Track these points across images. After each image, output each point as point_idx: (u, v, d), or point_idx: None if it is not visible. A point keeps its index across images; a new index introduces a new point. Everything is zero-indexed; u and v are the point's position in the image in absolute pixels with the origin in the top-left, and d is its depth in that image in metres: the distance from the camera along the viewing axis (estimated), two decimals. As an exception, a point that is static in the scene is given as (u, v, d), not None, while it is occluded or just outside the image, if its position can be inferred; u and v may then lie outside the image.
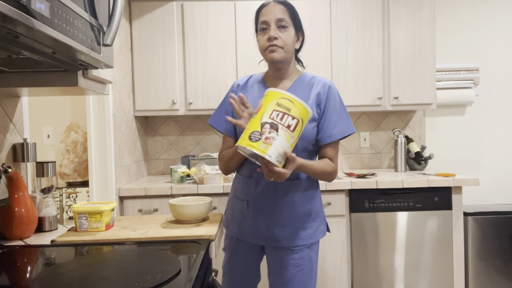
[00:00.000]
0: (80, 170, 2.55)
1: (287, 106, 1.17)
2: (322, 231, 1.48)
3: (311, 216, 1.44)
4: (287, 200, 1.40)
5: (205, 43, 2.57)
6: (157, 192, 2.27)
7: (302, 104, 1.19)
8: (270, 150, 1.13)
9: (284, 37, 1.37)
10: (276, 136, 1.14)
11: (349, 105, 2.61)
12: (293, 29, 1.40)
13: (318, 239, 1.46)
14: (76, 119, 2.70)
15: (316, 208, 1.46)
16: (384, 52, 2.63)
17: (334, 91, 1.43)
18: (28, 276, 0.89)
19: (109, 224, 1.28)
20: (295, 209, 1.40)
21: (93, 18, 0.97)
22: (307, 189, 1.43)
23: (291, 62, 1.45)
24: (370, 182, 2.31)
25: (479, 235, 2.56)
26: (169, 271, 0.87)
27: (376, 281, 2.34)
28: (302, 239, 1.40)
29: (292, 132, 1.17)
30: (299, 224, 1.41)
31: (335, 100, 1.41)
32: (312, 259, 1.43)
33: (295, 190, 1.41)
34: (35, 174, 1.35)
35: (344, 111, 1.44)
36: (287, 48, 1.38)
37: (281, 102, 1.18)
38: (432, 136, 3.03)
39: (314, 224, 1.44)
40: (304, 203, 1.42)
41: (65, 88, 1.14)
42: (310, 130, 1.38)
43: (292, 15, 1.39)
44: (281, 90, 1.20)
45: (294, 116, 1.17)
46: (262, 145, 1.13)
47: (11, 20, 0.66)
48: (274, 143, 1.14)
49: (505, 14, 3.00)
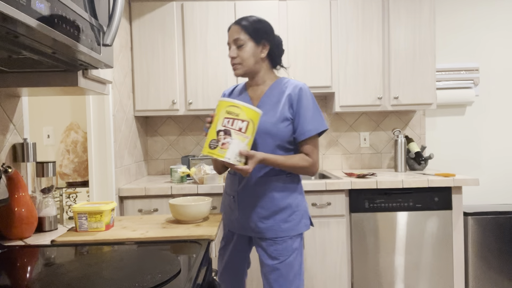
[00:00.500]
0: (80, 170, 2.55)
1: (235, 112, 1.35)
2: (305, 224, 1.59)
3: (292, 209, 1.55)
4: (267, 195, 1.54)
5: (205, 43, 2.57)
6: (157, 192, 2.27)
7: (248, 107, 1.35)
8: (227, 153, 1.33)
9: (241, 54, 1.54)
10: (230, 140, 1.34)
11: (349, 105, 2.61)
12: (251, 43, 1.54)
13: (301, 232, 1.57)
14: (76, 119, 2.70)
15: (297, 202, 1.57)
16: (384, 52, 2.63)
17: (305, 92, 1.54)
18: (28, 276, 0.89)
19: (109, 224, 1.28)
20: (275, 203, 1.54)
21: (93, 18, 0.97)
22: (287, 184, 1.56)
23: (260, 71, 1.59)
24: (370, 182, 2.31)
25: (479, 235, 2.56)
26: (169, 271, 0.87)
27: (376, 281, 2.34)
28: (283, 231, 1.53)
29: (244, 133, 1.36)
30: (280, 217, 1.54)
31: (307, 100, 1.53)
32: (295, 250, 1.55)
33: (274, 185, 1.54)
34: (35, 174, 1.35)
35: (316, 109, 1.55)
36: (245, 63, 1.54)
37: (229, 110, 1.36)
38: (432, 136, 3.03)
39: (295, 217, 1.56)
40: (283, 197, 1.54)
41: (65, 88, 1.15)
42: (284, 129, 1.52)
43: (248, 30, 1.53)
44: (228, 99, 1.37)
45: (244, 119, 1.35)
46: (220, 150, 1.33)
47: (11, 20, 0.66)
48: (230, 146, 1.33)
49: (505, 14, 3.00)
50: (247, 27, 1.53)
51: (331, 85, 2.60)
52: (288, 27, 2.58)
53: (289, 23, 2.58)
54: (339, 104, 2.62)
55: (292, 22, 2.58)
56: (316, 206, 2.30)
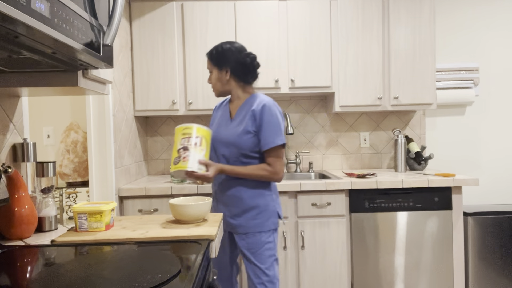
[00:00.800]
0: (80, 170, 2.55)
1: (189, 132, 1.60)
2: (273, 223, 1.78)
3: (260, 209, 1.75)
4: (236, 196, 1.76)
5: (205, 43, 2.57)
6: (157, 192, 2.27)
7: (198, 126, 1.62)
8: (189, 164, 1.55)
9: (211, 80, 1.83)
10: (189, 153, 1.56)
11: (349, 105, 2.61)
12: (215, 69, 1.81)
13: (268, 229, 1.76)
14: (76, 119, 2.71)
15: (265, 203, 1.76)
16: (384, 52, 2.63)
17: (267, 108, 1.72)
18: (28, 276, 0.89)
19: (109, 224, 1.28)
20: (243, 202, 1.75)
21: (93, 18, 0.97)
22: (255, 187, 1.76)
23: (231, 89, 1.82)
24: (370, 182, 2.31)
25: (479, 235, 2.56)
26: (169, 271, 0.87)
27: (376, 281, 2.34)
28: (252, 228, 1.75)
29: (200, 146, 1.59)
30: (249, 215, 1.75)
31: (269, 116, 1.71)
32: (265, 244, 1.75)
33: (242, 187, 1.75)
34: (35, 174, 1.35)
35: (276, 125, 1.72)
36: (215, 87, 1.83)
37: (184, 132, 1.60)
38: (432, 136, 3.03)
39: (262, 216, 1.75)
40: (251, 198, 1.75)
41: (65, 88, 1.14)
42: (247, 140, 1.72)
43: (212, 60, 1.80)
44: (182, 125, 1.63)
45: (197, 135, 1.60)
46: (183, 163, 1.55)
47: (11, 20, 0.66)
48: (189, 158, 1.56)
49: (505, 14, 3.00)
50: (211, 57, 1.81)
51: (331, 85, 2.60)
52: (288, 27, 2.58)
53: (289, 23, 2.58)
54: (339, 104, 2.62)
55: (292, 22, 2.58)
56: (316, 206, 2.31)
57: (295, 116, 2.97)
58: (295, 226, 2.33)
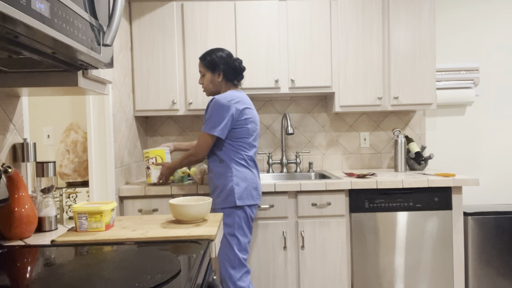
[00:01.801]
0: (80, 170, 2.55)
1: (147, 155, 2.28)
2: (232, 201, 2.00)
3: (221, 189, 2.02)
4: (209, 177, 2.11)
5: (205, 43, 2.57)
6: (157, 192, 2.27)
7: (153, 149, 2.27)
8: (152, 178, 2.28)
9: (204, 82, 2.14)
10: (150, 171, 2.28)
11: (349, 105, 2.61)
12: (208, 72, 2.10)
13: (228, 206, 1.99)
14: (76, 119, 2.71)
15: (226, 183, 2.01)
16: (384, 52, 2.63)
17: (214, 102, 1.98)
18: (28, 276, 0.89)
19: (109, 224, 1.28)
20: (212, 183, 2.07)
21: (93, 18, 0.97)
22: (217, 170, 2.04)
23: (221, 89, 2.13)
24: (370, 182, 2.31)
25: (479, 235, 2.56)
26: (169, 271, 0.87)
27: (376, 281, 2.34)
28: (217, 204, 2.03)
29: (156, 163, 2.26)
30: (216, 194, 2.04)
31: (211, 108, 1.99)
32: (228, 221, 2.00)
33: (210, 171, 2.09)
34: (35, 174, 1.35)
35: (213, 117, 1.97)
36: (207, 88, 2.14)
37: (145, 156, 2.29)
38: (432, 136, 3.03)
39: (223, 194, 2.01)
40: (216, 179, 2.04)
41: (65, 88, 1.15)
42: None
43: (205, 63, 2.09)
44: (145, 150, 2.30)
45: (153, 156, 2.26)
46: (148, 178, 2.29)
47: (11, 20, 0.66)
48: (152, 174, 2.28)
49: (505, 14, 3.00)
50: (204, 60, 2.09)
51: (331, 85, 2.60)
52: (288, 27, 2.58)
53: (289, 23, 2.58)
54: (339, 104, 2.62)
55: (292, 22, 2.58)
56: (316, 206, 2.31)
57: (295, 116, 2.97)
58: (295, 226, 2.33)
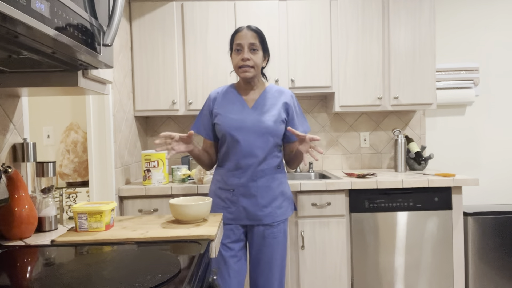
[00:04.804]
0: (80, 170, 2.55)
1: (149, 158, 2.30)
2: (292, 209, 1.84)
3: (284, 197, 1.79)
4: (264, 185, 1.74)
5: (205, 43, 2.57)
6: (157, 192, 2.27)
7: (155, 152, 2.27)
8: (153, 181, 2.31)
9: (255, 59, 1.71)
10: (151, 174, 2.30)
11: (349, 105, 2.61)
12: (261, 51, 1.74)
13: (289, 215, 1.81)
14: (76, 119, 2.71)
15: (286, 190, 1.81)
16: (384, 52, 2.63)
17: (295, 99, 1.83)
18: (28, 276, 0.89)
19: (109, 224, 1.28)
20: (271, 192, 1.74)
21: (93, 18, 0.97)
22: (275, 175, 1.77)
23: (258, 77, 1.80)
24: (370, 182, 2.31)
25: (479, 235, 2.56)
26: (169, 271, 0.87)
27: (376, 281, 2.34)
28: (279, 216, 1.75)
29: (158, 166, 2.30)
30: (276, 204, 1.75)
31: (298, 107, 1.83)
32: (285, 231, 1.80)
33: (268, 176, 1.75)
34: (35, 174, 1.35)
35: (302, 114, 1.85)
36: (257, 67, 1.74)
37: (146, 158, 2.29)
38: (432, 136, 3.03)
39: (285, 203, 1.79)
40: (276, 186, 1.76)
41: (65, 88, 1.14)
42: (281, 129, 1.76)
43: (261, 40, 1.73)
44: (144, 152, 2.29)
45: (154, 160, 2.29)
46: (148, 180, 2.31)
47: (11, 20, 0.66)
48: (152, 177, 2.30)
49: (505, 14, 3.00)
50: (261, 37, 1.73)
51: (331, 85, 2.60)
52: (288, 27, 2.58)
53: (289, 23, 2.58)
54: (339, 104, 2.62)
55: (292, 22, 2.58)
56: (316, 206, 2.30)
57: (295, 116, 2.97)
58: (295, 226, 2.33)
